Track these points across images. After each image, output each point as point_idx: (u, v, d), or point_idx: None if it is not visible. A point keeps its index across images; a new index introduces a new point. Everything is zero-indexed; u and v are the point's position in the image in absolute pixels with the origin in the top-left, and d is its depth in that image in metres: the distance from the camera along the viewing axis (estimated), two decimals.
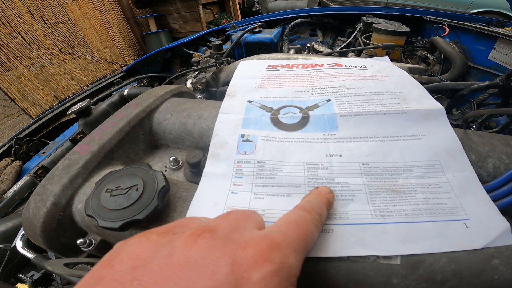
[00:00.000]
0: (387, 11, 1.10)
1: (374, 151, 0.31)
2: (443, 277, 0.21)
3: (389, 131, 0.33)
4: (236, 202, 0.27)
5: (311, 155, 0.31)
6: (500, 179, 0.28)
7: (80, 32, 3.27)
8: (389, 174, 0.29)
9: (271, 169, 0.30)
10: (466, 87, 0.53)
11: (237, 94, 0.42)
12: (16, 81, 2.69)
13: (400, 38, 0.85)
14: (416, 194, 0.27)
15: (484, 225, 0.24)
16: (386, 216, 0.25)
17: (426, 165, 0.29)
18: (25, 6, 2.72)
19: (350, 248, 0.23)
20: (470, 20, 0.96)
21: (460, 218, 0.25)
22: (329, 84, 0.42)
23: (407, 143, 0.31)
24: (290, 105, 0.39)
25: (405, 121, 0.33)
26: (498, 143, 0.32)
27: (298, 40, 1.20)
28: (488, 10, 3.46)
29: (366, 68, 0.46)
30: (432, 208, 0.26)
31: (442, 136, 0.32)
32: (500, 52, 0.76)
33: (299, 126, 0.35)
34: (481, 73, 0.80)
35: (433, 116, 0.34)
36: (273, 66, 0.49)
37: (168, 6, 3.73)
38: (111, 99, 0.77)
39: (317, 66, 0.48)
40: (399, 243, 0.23)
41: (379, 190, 0.27)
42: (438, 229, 0.24)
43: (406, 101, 0.36)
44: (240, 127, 0.35)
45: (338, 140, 0.33)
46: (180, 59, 1.17)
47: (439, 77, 0.69)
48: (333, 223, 0.25)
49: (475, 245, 0.23)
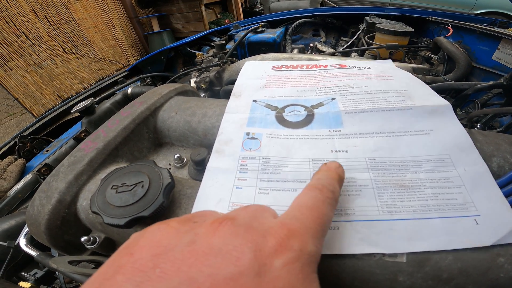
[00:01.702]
0: (391, 12, 1.10)
1: (381, 146, 0.31)
2: (449, 274, 0.21)
3: (395, 127, 0.33)
4: (241, 198, 0.27)
5: (316, 151, 0.31)
6: (505, 178, 0.28)
7: (83, 31, 3.29)
8: (397, 169, 0.28)
9: (276, 165, 0.30)
10: (470, 87, 0.52)
11: (242, 94, 0.42)
12: (19, 80, 2.70)
13: (403, 39, 0.84)
14: (425, 189, 0.26)
15: (494, 221, 0.24)
16: (394, 213, 0.25)
17: (436, 159, 0.29)
18: (29, 5, 2.74)
19: (355, 246, 0.23)
20: (473, 21, 0.96)
21: (471, 214, 0.24)
22: (333, 84, 0.42)
23: (415, 138, 0.31)
24: (295, 103, 0.39)
25: (411, 116, 0.33)
26: (502, 142, 0.32)
27: (301, 40, 1.20)
28: (492, 11, 3.44)
29: (370, 69, 0.46)
30: (442, 204, 0.25)
31: (451, 131, 0.31)
32: (504, 53, 0.76)
33: (304, 123, 0.35)
34: (485, 74, 0.80)
35: (439, 111, 0.34)
36: (277, 67, 0.50)
37: (171, 6, 3.74)
38: (115, 98, 0.77)
39: (321, 67, 0.48)
40: (405, 240, 0.23)
41: (386, 185, 0.27)
42: (446, 225, 0.24)
43: (411, 98, 0.36)
44: (246, 125, 0.36)
45: (343, 136, 0.33)
46: (183, 58, 1.18)
47: (443, 77, 0.69)
48: (339, 220, 0.25)
49: (484, 242, 0.22)
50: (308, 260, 0.15)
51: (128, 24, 3.82)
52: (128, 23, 3.81)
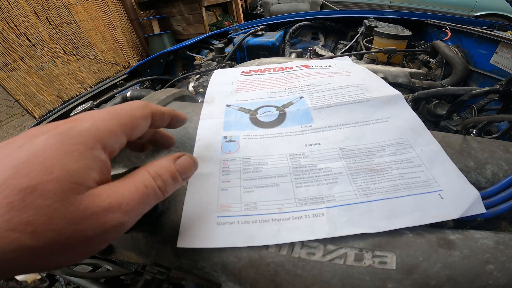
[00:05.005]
0: (390, 15, 1.10)
1: (348, 137, 0.34)
2: (438, 282, 0.22)
3: (358, 118, 0.36)
4: (228, 199, 0.28)
5: (292, 147, 0.34)
6: (498, 186, 0.28)
7: (84, 33, 3.31)
8: (365, 155, 0.31)
9: (256, 164, 0.32)
10: (466, 93, 0.53)
11: (215, 100, 0.44)
12: (20, 82, 2.72)
13: (401, 42, 0.85)
14: (391, 170, 0.29)
15: (456, 195, 0.26)
16: (369, 195, 0.27)
17: (396, 143, 0.32)
18: (31, 7, 2.76)
19: (341, 228, 0.25)
20: (472, 24, 0.96)
21: (434, 190, 0.27)
22: (300, 83, 0.45)
23: (376, 126, 0.35)
24: (266, 105, 0.41)
25: (370, 107, 0.37)
26: (497, 149, 0.32)
27: (300, 43, 1.20)
28: (492, 13, 3.45)
29: (331, 67, 0.50)
30: (408, 182, 0.28)
31: (405, 117, 0.36)
32: (502, 57, 0.76)
33: (277, 122, 0.38)
34: (483, 78, 0.80)
35: (393, 101, 0.38)
36: (246, 72, 0.52)
37: (172, 8, 3.76)
38: (114, 102, 0.78)
39: (287, 69, 0.52)
40: (384, 219, 0.25)
41: (358, 171, 0.30)
42: (417, 202, 0.26)
43: (369, 90, 0.40)
44: (222, 129, 0.37)
45: (314, 131, 0.35)
46: (183, 61, 1.18)
47: (440, 82, 0.69)
48: (323, 207, 0.26)
49: (452, 215, 0.25)
50: (74, 134, 0.17)
51: (129, 26, 3.84)
52: (128, 25, 3.83)
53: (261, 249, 0.25)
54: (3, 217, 0.14)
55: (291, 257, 0.24)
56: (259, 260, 0.24)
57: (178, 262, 0.27)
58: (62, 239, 0.15)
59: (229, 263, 0.25)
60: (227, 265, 0.25)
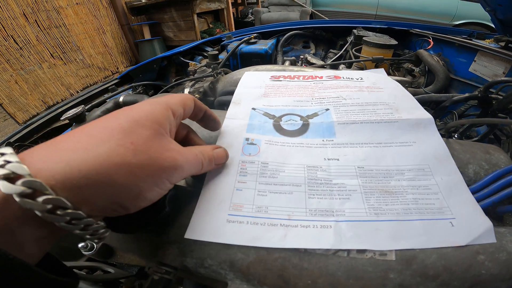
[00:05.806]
0: (377, 24, 1.15)
1: (369, 156, 0.33)
2: (435, 271, 0.23)
3: (382, 138, 0.35)
4: (241, 199, 0.29)
5: (310, 159, 0.34)
6: (481, 183, 0.31)
7: (73, 37, 3.25)
8: (383, 176, 0.31)
9: (273, 170, 0.32)
10: (448, 99, 0.56)
11: (242, 101, 0.45)
12: (4, 85, 2.62)
13: (388, 51, 0.89)
14: (407, 195, 0.29)
15: (468, 224, 0.26)
16: (379, 214, 0.27)
17: (416, 169, 0.32)
18: (21, 8, 2.69)
19: (346, 242, 0.25)
20: (453, 33, 1.02)
21: (447, 217, 0.27)
22: (328, 95, 0.45)
23: (399, 149, 0.34)
24: (291, 113, 0.41)
25: (397, 129, 0.36)
26: (478, 150, 0.35)
27: (291, 51, 1.24)
28: (471, 21, 3.62)
29: (362, 80, 0.49)
30: (421, 208, 0.28)
31: (431, 143, 0.35)
32: (480, 65, 0.81)
33: (299, 132, 0.38)
34: (463, 85, 0.85)
35: (422, 125, 0.37)
36: (276, 77, 0.52)
37: (163, 14, 3.76)
38: (106, 106, 0.77)
39: (317, 78, 0.51)
40: (390, 239, 0.25)
41: (373, 191, 0.30)
42: (426, 227, 0.26)
43: (398, 111, 0.39)
44: (245, 131, 0.38)
45: (335, 146, 0.35)
46: (176, 67, 1.19)
47: (424, 89, 0.73)
48: (332, 220, 0.27)
49: (459, 242, 0.25)
50: (158, 101, 0.25)
51: (119, 31, 3.80)
52: (119, 30, 3.79)
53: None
54: (116, 136, 0.20)
55: (297, 252, 0.26)
56: (266, 256, 0.26)
57: (185, 262, 0.27)
58: (150, 163, 0.20)
59: (237, 260, 0.26)
60: (235, 262, 0.26)
